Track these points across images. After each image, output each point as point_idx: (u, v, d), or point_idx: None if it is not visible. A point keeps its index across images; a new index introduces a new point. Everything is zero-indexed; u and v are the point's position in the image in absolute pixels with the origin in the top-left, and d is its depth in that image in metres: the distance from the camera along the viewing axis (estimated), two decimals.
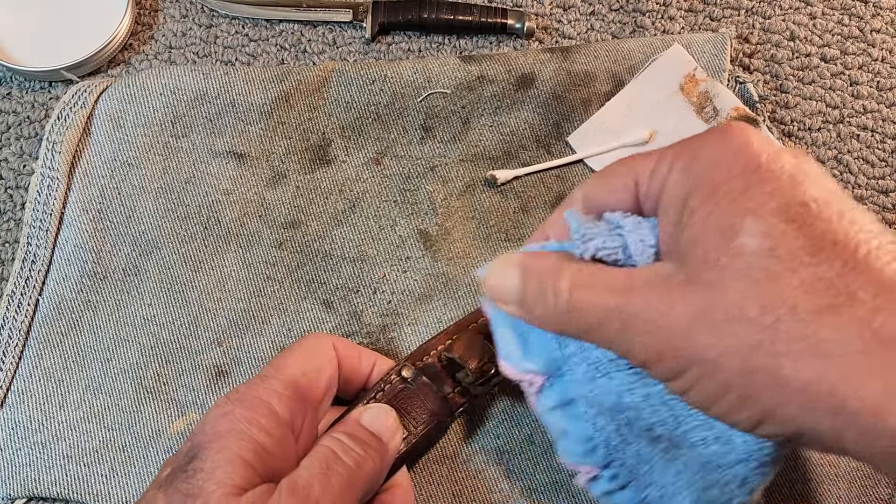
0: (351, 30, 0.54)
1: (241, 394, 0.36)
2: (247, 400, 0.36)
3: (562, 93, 0.49)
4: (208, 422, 0.35)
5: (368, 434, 0.37)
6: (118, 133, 0.47)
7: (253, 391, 0.36)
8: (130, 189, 0.47)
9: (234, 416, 0.35)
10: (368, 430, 0.37)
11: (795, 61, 0.54)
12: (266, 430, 0.35)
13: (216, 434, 0.34)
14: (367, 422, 0.38)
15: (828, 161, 0.51)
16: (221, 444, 0.34)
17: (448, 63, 0.49)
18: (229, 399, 0.36)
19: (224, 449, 0.34)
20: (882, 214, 0.50)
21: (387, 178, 0.48)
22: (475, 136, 0.49)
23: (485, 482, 0.43)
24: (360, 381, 0.41)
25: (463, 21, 0.53)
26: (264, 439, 0.35)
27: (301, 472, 0.34)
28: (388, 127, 0.48)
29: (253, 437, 0.34)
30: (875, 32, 0.55)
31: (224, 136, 0.48)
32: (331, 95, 0.48)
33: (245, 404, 0.36)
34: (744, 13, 0.55)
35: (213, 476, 0.33)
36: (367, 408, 0.39)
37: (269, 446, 0.35)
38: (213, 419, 0.35)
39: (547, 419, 0.36)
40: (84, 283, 0.45)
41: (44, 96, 0.51)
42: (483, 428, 0.44)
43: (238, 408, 0.35)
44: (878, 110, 0.53)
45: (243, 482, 0.33)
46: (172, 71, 0.48)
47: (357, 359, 0.40)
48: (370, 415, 0.38)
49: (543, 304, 0.32)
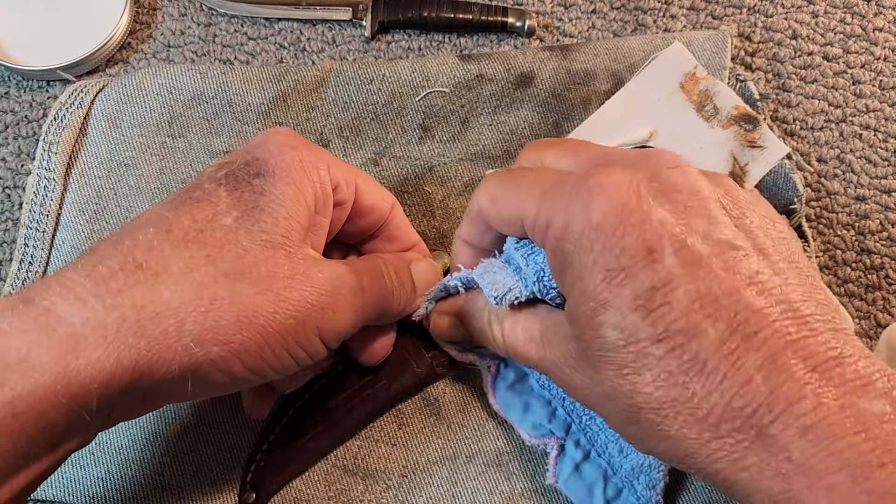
0: (350, 28, 0.54)
1: (305, 140, 0.36)
2: (313, 149, 0.35)
3: (561, 91, 0.49)
4: (272, 144, 0.34)
5: (410, 279, 0.40)
6: (115, 133, 0.47)
7: (316, 147, 0.36)
8: (127, 190, 0.47)
9: (301, 155, 0.34)
10: (412, 277, 0.40)
11: (798, 60, 0.54)
12: (322, 187, 0.35)
13: (284, 163, 0.34)
14: (414, 270, 0.40)
15: (830, 160, 0.51)
16: (290, 177, 0.33)
17: (447, 62, 0.48)
18: (294, 135, 0.36)
19: (293, 184, 0.33)
20: (885, 214, 0.50)
21: (385, 178, 0.47)
22: (474, 135, 0.49)
23: (485, 484, 0.43)
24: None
25: (463, 19, 0.53)
26: (318, 196, 0.35)
27: (359, 262, 0.37)
28: (387, 127, 0.48)
29: (314, 189, 0.34)
30: (877, 31, 0.54)
31: (221, 136, 0.48)
32: (328, 95, 0.48)
33: (312, 151, 0.35)
34: (746, 11, 0.55)
35: (284, 205, 0.33)
36: (422, 260, 0.41)
37: (317, 207, 0.35)
38: (279, 145, 0.34)
39: (508, 402, 0.41)
40: None
41: (42, 95, 0.51)
42: (483, 429, 0.43)
43: (305, 150, 0.35)
44: (880, 109, 0.52)
45: (305, 229, 0.33)
46: (169, 70, 0.48)
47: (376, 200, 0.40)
48: (420, 267, 0.40)
49: (489, 341, 0.37)
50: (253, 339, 0.31)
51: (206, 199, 0.32)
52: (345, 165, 0.37)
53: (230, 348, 0.31)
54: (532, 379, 0.41)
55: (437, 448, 0.43)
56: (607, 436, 0.39)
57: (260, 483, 0.41)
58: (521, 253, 0.35)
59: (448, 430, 0.43)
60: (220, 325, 0.30)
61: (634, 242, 0.29)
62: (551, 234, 0.31)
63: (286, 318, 0.32)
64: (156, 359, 0.29)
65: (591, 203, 0.30)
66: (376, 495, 0.42)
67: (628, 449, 0.39)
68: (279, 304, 0.32)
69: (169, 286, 0.30)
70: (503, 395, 0.41)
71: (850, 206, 0.50)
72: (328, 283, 0.33)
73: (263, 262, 0.32)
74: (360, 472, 0.43)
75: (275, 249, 0.32)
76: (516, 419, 0.41)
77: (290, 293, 0.32)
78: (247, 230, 0.32)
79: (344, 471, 0.43)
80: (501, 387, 0.41)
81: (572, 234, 0.30)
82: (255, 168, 0.33)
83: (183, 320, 0.30)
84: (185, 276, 0.30)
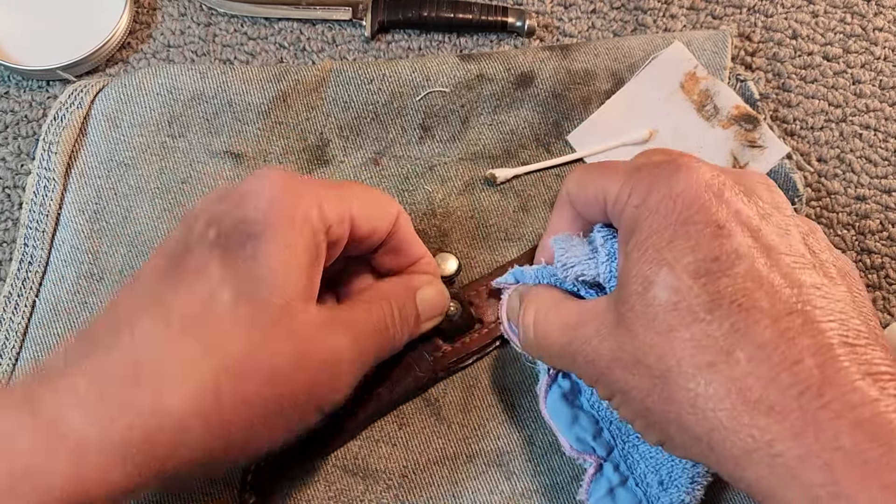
0: (350, 28, 0.54)
1: (294, 183, 0.33)
2: (302, 192, 0.33)
3: (561, 91, 0.49)
4: (264, 197, 0.32)
5: (415, 312, 0.39)
6: (114, 133, 0.47)
7: (305, 185, 0.34)
8: (127, 189, 0.47)
9: (299, 198, 0.33)
10: (417, 309, 0.39)
11: (798, 60, 0.54)
12: (316, 240, 0.33)
13: (276, 220, 0.32)
14: (420, 299, 0.39)
15: (830, 160, 0.51)
16: (284, 238, 0.32)
17: (447, 62, 0.48)
18: (284, 179, 0.33)
19: (287, 246, 0.32)
20: (885, 214, 0.50)
21: (385, 178, 0.47)
22: (474, 135, 0.49)
23: (486, 484, 0.42)
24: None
25: (463, 19, 0.53)
26: (312, 251, 0.33)
27: (361, 315, 0.36)
28: (387, 126, 0.48)
29: (308, 245, 0.33)
30: (877, 31, 0.54)
31: (221, 135, 0.48)
32: (328, 95, 0.48)
33: (302, 198, 0.33)
34: (746, 11, 0.55)
35: (280, 272, 0.32)
36: (429, 286, 0.40)
37: (311, 261, 0.33)
38: (270, 200, 0.32)
39: (557, 410, 0.40)
40: (81, 285, 0.45)
41: (42, 95, 0.51)
42: (484, 429, 0.43)
43: (296, 198, 0.33)
44: (880, 109, 0.52)
45: (301, 289, 0.32)
46: (169, 70, 0.48)
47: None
48: (426, 295, 0.40)
49: (520, 336, 0.38)
50: (256, 432, 0.32)
51: (200, 271, 0.32)
52: (336, 198, 0.35)
53: (234, 443, 0.31)
54: (583, 397, 0.41)
55: (437, 448, 0.43)
56: (647, 466, 0.39)
57: (260, 483, 0.41)
58: (601, 234, 0.36)
59: (448, 430, 0.43)
60: (223, 425, 0.31)
61: (708, 217, 0.29)
62: (630, 203, 0.32)
63: (287, 409, 0.33)
64: (162, 464, 0.30)
65: (678, 175, 0.30)
66: (376, 495, 0.42)
67: (668, 482, 0.38)
68: (280, 399, 0.32)
69: (170, 390, 0.30)
70: (554, 402, 0.40)
71: (850, 206, 0.50)
72: (327, 363, 0.33)
73: (264, 346, 0.31)
74: (361, 472, 0.42)
75: (274, 326, 0.32)
76: (563, 428, 0.40)
77: (290, 385, 0.32)
78: (245, 306, 0.31)
79: (344, 471, 0.42)
80: (555, 394, 0.40)
81: (651, 201, 0.30)
82: (247, 229, 0.32)
83: (187, 427, 0.30)
84: (186, 376, 0.30)
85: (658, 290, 0.29)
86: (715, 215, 0.29)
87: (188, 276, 0.32)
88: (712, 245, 0.29)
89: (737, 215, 0.29)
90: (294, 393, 0.32)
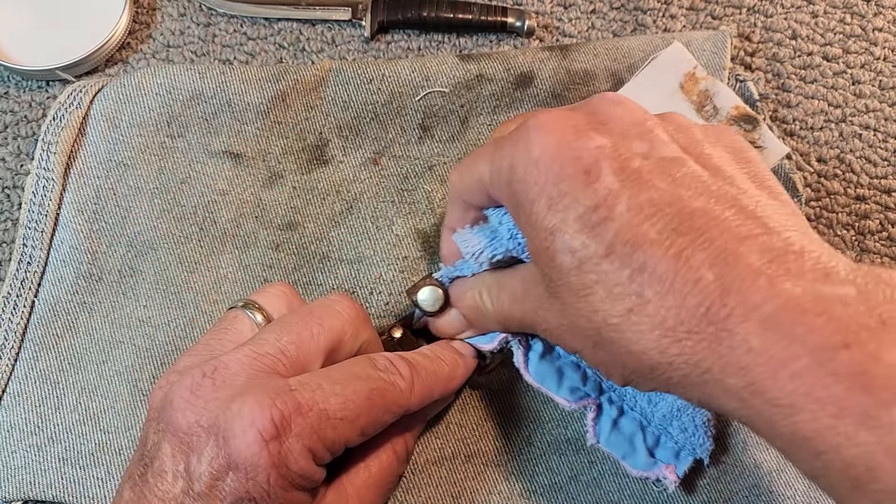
0: (350, 28, 0.54)
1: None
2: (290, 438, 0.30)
3: (561, 91, 0.49)
4: (172, 410, 0.30)
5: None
6: (113, 133, 0.47)
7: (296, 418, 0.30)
8: (126, 190, 0.47)
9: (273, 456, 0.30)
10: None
11: (797, 60, 0.53)
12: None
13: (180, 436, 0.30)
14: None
15: (830, 160, 0.51)
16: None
17: (446, 62, 0.48)
18: (267, 424, 0.29)
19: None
20: (885, 214, 0.50)
21: (384, 178, 0.47)
22: (474, 135, 0.49)
23: (484, 484, 0.43)
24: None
25: (463, 19, 0.53)
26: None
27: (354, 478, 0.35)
28: (386, 126, 0.48)
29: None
30: (877, 31, 0.54)
31: (220, 135, 0.48)
32: (328, 95, 0.48)
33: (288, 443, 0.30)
34: (745, 12, 0.55)
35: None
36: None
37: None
38: (178, 405, 0.30)
39: (542, 373, 0.40)
40: (79, 285, 0.45)
41: (41, 95, 0.51)
42: (482, 429, 0.43)
43: (277, 444, 0.30)
44: (880, 109, 0.52)
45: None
46: (168, 70, 0.48)
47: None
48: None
49: (484, 317, 0.38)
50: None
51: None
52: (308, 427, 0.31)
53: None
54: (559, 348, 0.41)
55: (435, 448, 0.43)
56: (634, 389, 0.39)
57: None
58: (494, 214, 0.36)
59: (446, 430, 0.43)
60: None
61: (572, 168, 0.29)
62: (502, 181, 0.32)
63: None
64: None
65: (530, 140, 0.31)
66: None
67: (656, 397, 0.39)
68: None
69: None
70: (536, 366, 0.40)
71: (850, 206, 0.50)
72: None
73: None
74: None
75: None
76: (552, 388, 0.40)
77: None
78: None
79: None
80: (533, 359, 0.40)
81: (517, 173, 0.31)
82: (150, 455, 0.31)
83: None
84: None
85: (560, 257, 0.30)
86: (578, 163, 0.29)
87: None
88: (587, 193, 0.29)
89: (598, 152, 0.30)
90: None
